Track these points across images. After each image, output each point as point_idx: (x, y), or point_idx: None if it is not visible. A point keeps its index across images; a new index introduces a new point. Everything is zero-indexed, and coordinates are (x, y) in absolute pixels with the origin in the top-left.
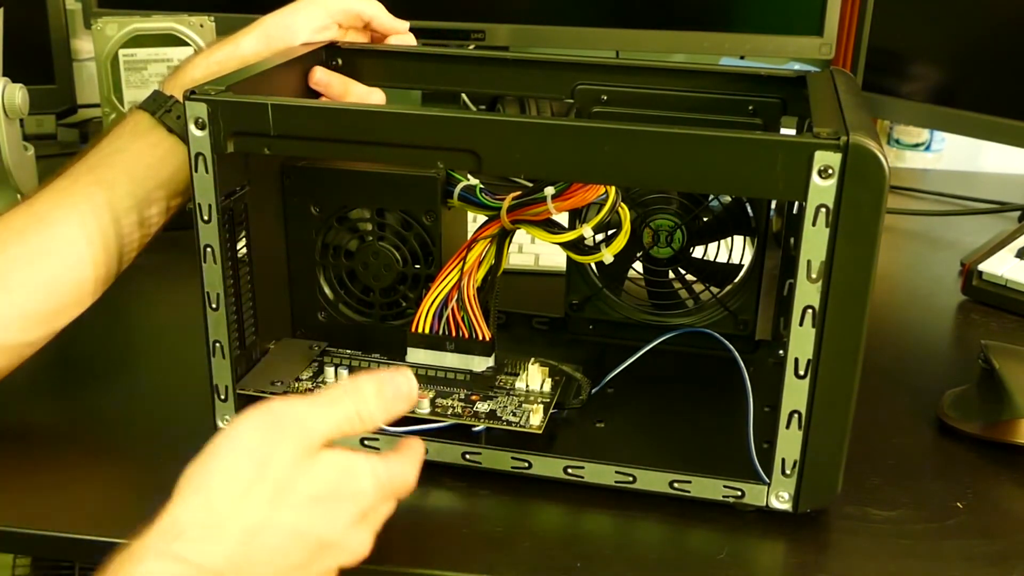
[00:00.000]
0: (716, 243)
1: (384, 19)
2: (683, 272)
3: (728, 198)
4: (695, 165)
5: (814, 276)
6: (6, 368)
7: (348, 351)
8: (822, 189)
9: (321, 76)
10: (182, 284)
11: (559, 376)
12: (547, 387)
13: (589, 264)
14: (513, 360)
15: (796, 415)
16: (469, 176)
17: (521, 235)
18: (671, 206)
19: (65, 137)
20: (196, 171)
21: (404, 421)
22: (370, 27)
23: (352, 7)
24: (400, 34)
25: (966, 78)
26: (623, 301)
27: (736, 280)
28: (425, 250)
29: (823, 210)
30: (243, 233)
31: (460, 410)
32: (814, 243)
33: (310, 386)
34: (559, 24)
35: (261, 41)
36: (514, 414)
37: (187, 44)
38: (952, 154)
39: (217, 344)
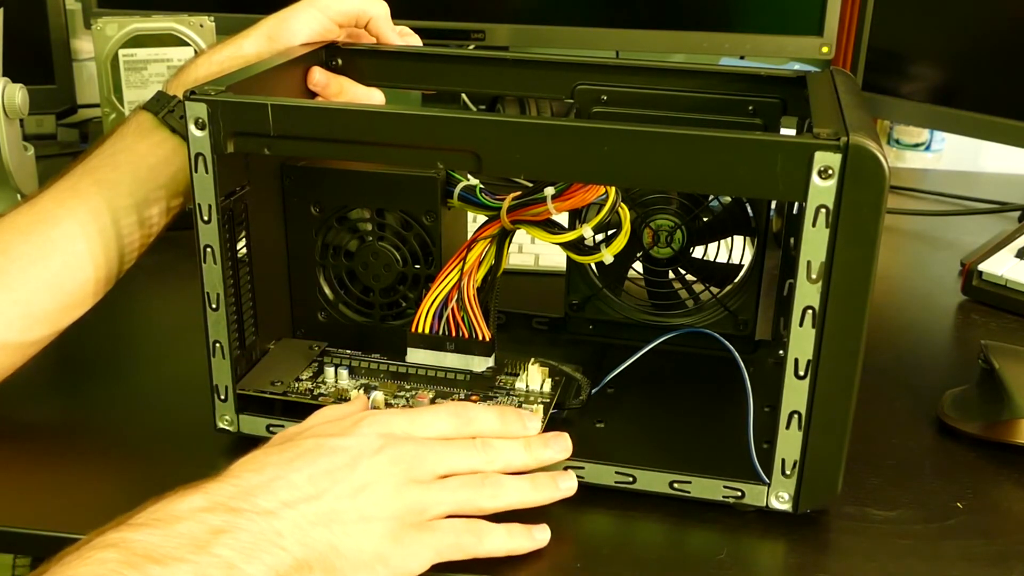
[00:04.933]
0: (716, 243)
1: (384, 25)
2: (683, 272)
3: (728, 198)
4: (695, 165)
5: (814, 277)
6: (9, 367)
7: (348, 351)
8: (822, 190)
9: (319, 77)
10: (182, 284)
11: (559, 376)
12: (547, 387)
13: (589, 264)
14: (513, 360)
15: (796, 415)
16: (469, 176)
17: (521, 235)
18: (671, 206)
19: (65, 137)
20: (196, 171)
21: None
22: (367, 28)
23: (352, 8)
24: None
25: (966, 78)
26: (623, 301)
27: (736, 280)
28: (425, 250)
29: (823, 211)
30: (243, 233)
31: None
32: (814, 244)
33: (310, 386)
34: (559, 24)
35: (262, 42)
36: None
37: (187, 44)
38: (952, 154)
39: (217, 344)
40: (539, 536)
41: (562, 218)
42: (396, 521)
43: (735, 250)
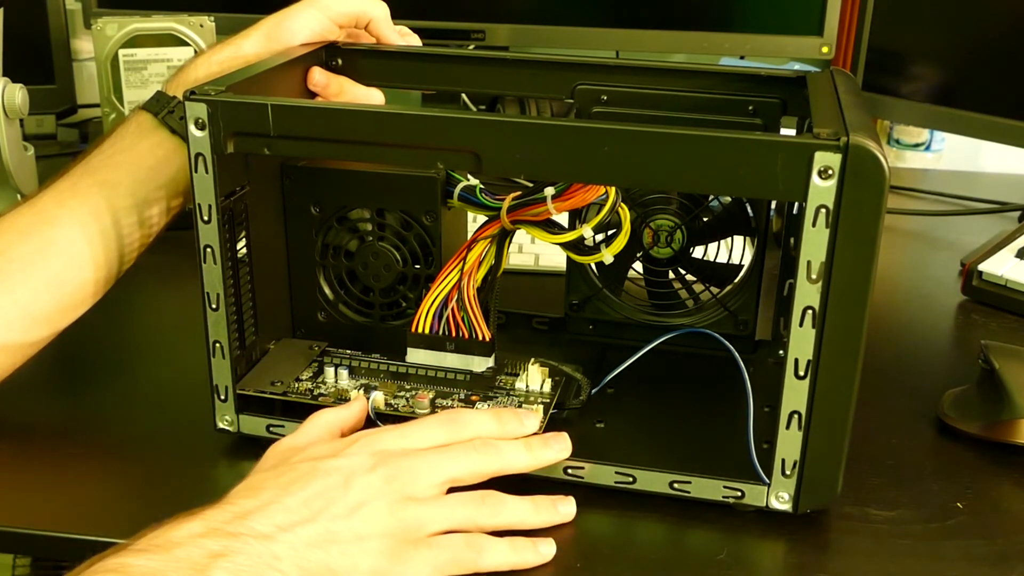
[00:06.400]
0: (716, 243)
1: (384, 26)
2: (683, 272)
3: (728, 198)
4: (695, 165)
5: (814, 277)
6: (8, 368)
7: (348, 351)
8: (822, 190)
9: (319, 77)
10: (182, 284)
11: (559, 376)
12: (547, 387)
13: (589, 264)
14: (513, 360)
15: (796, 415)
16: (469, 176)
17: (521, 235)
18: (671, 206)
19: (65, 137)
20: (196, 171)
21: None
22: (368, 29)
23: (353, 9)
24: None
25: (966, 78)
26: (623, 301)
27: (736, 280)
28: (425, 250)
29: (823, 211)
30: (243, 233)
31: None
32: (814, 244)
33: (310, 386)
34: (559, 24)
35: (262, 42)
36: None
37: (187, 44)
38: (952, 154)
39: (217, 344)
40: (544, 550)
41: (562, 218)
42: (392, 539)
43: (735, 250)
